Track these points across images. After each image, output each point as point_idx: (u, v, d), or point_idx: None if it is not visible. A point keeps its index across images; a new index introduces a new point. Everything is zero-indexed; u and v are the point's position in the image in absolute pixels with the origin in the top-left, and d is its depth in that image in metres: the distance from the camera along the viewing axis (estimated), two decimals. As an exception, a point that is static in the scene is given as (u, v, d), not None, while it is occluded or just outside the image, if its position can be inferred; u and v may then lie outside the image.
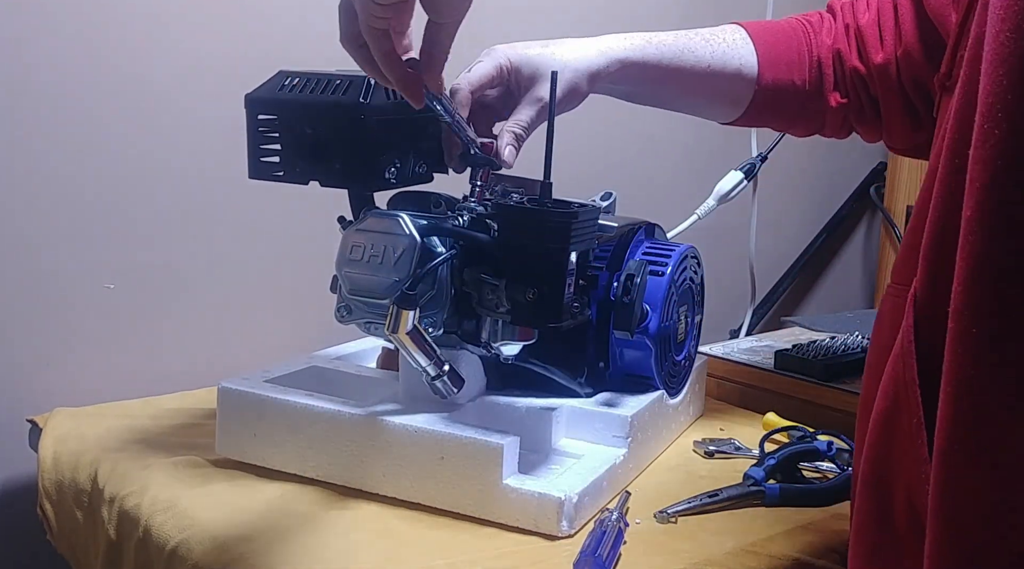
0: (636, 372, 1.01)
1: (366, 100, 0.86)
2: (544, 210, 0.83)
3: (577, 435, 0.95)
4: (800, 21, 1.00)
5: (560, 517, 0.82)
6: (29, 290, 1.13)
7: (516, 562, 0.79)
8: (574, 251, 0.84)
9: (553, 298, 0.83)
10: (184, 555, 0.80)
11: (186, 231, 1.22)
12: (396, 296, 0.84)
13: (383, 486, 0.88)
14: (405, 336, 0.85)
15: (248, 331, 1.28)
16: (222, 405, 0.95)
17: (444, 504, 0.86)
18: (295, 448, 0.91)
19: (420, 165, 0.95)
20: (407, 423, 0.87)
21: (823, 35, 0.98)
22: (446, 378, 0.88)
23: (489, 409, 0.94)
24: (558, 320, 0.84)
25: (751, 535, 0.85)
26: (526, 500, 0.83)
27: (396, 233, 0.88)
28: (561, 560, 0.79)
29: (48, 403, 1.12)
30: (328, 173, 0.89)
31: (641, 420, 0.96)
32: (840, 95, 0.97)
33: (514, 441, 0.85)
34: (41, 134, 1.11)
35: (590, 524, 0.84)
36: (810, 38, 0.98)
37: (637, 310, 0.95)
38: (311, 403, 0.91)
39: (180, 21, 1.18)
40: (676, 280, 1.01)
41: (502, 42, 0.94)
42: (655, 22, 1.56)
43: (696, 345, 1.12)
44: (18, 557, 1.16)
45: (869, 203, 2.01)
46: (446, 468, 0.85)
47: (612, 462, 0.91)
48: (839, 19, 0.98)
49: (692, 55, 0.97)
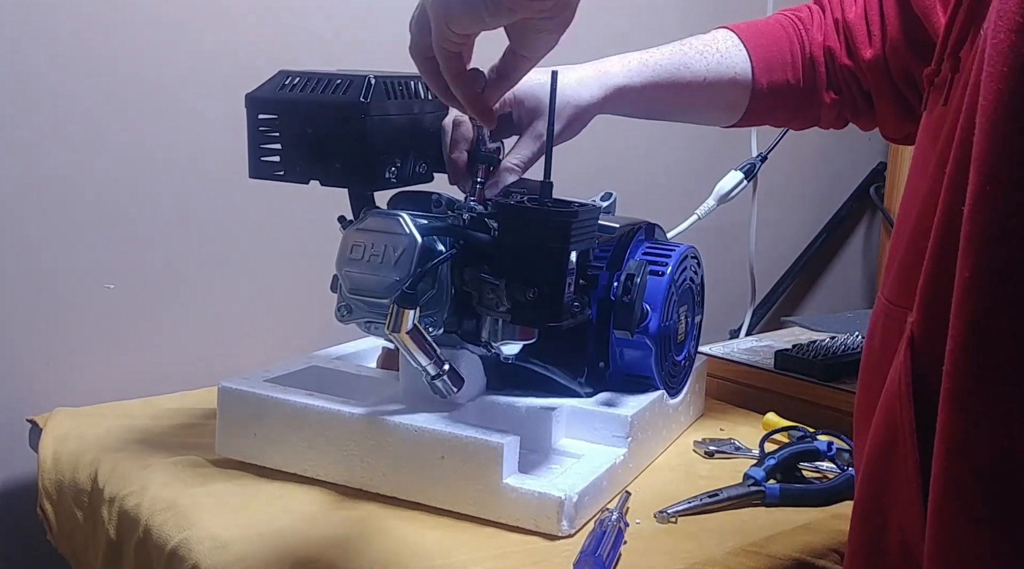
0: (636, 372, 1.01)
1: (366, 100, 0.86)
2: (544, 209, 0.83)
3: (577, 435, 0.95)
4: (790, 18, 1.01)
5: (560, 517, 0.82)
6: (29, 290, 1.13)
7: (516, 562, 0.79)
8: (574, 250, 0.84)
9: (553, 297, 0.83)
10: (184, 555, 0.80)
11: (186, 231, 1.22)
12: (397, 295, 0.84)
13: (383, 486, 0.88)
14: (405, 335, 0.85)
15: (248, 331, 1.28)
16: (222, 405, 0.95)
17: (444, 504, 0.86)
18: (295, 448, 0.91)
19: (420, 165, 0.95)
20: (407, 422, 0.87)
21: (814, 31, 0.99)
22: (446, 377, 0.88)
23: (489, 409, 0.94)
24: (558, 320, 0.84)
25: (751, 535, 0.85)
26: (526, 500, 0.83)
27: (396, 232, 0.88)
28: (561, 560, 0.79)
29: (48, 403, 1.12)
30: (328, 173, 0.89)
31: (641, 420, 0.96)
32: (833, 92, 0.99)
33: (514, 441, 0.85)
34: (41, 134, 1.11)
35: (590, 524, 0.84)
36: (801, 35, 0.99)
37: (637, 310, 0.95)
38: (311, 403, 0.91)
39: (180, 21, 1.18)
40: (676, 280, 1.01)
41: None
42: (654, 16, 1.57)
43: (696, 345, 1.12)
44: (18, 557, 1.16)
45: (869, 203, 2.01)
46: (446, 468, 0.85)
47: (612, 462, 0.91)
48: (828, 14, 0.99)
49: (688, 70, 0.99)
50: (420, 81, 0.93)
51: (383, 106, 0.88)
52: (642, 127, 1.61)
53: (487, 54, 0.79)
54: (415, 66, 0.78)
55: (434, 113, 0.95)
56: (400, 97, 0.90)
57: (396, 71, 0.93)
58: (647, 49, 1.01)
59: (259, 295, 1.29)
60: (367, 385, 0.99)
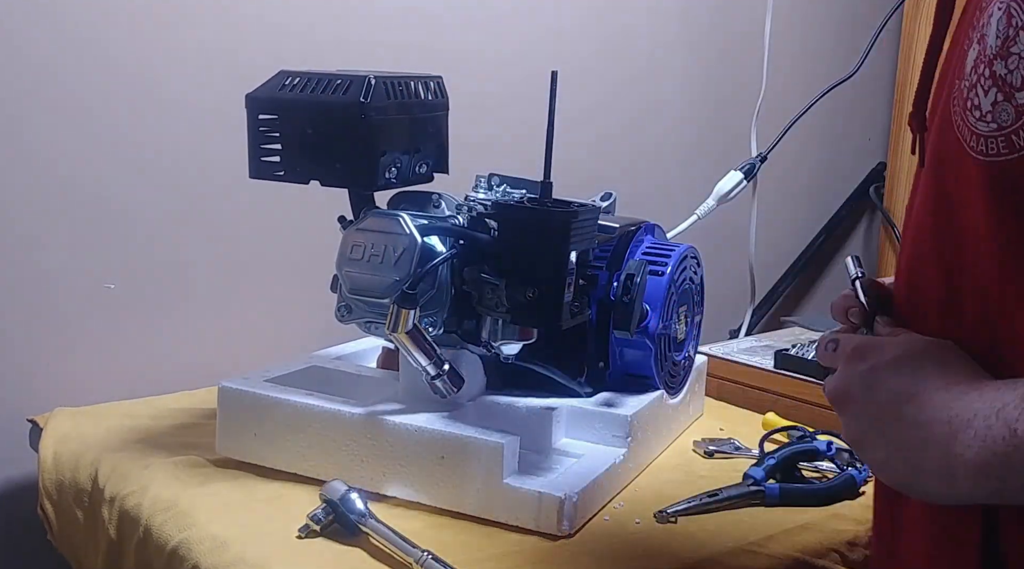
0: (636, 372, 1.01)
1: (366, 100, 0.86)
2: (544, 209, 0.83)
3: (577, 435, 0.95)
4: None
5: (561, 517, 0.82)
6: (29, 290, 1.13)
7: (517, 562, 0.79)
8: (574, 250, 0.84)
9: (553, 298, 0.83)
10: (184, 555, 0.80)
11: (186, 231, 1.22)
12: (396, 295, 0.85)
13: (383, 486, 0.88)
14: (405, 335, 0.85)
15: (248, 331, 1.28)
16: (222, 405, 0.95)
17: (445, 503, 0.86)
18: (295, 447, 0.91)
19: (420, 165, 0.95)
20: (407, 423, 0.87)
21: None
22: (446, 377, 0.88)
23: (489, 409, 0.94)
24: (558, 320, 0.84)
25: (751, 535, 0.85)
26: (527, 499, 0.83)
27: (396, 233, 0.88)
28: (562, 559, 0.79)
29: (48, 403, 1.12)
30: (328, 173, 0.89)
31: (641, 420, 0.96)
32: None
33: (514, 440, 0.85)
34: (42, 135, 1.11)
35: (590, 524, 0.84)
36: None
37: (637, 310, 0.95)
38: (311, 403, 0.91)
39: (182, 22, 1.18)
40: (676, 280, 1.01)
41: (509, 43, 0.94)
42: (654, 15, 1.57)
43: (696, 345, 1.12)
44: (18, 557, 1.16)
45: (869, 203, 2.01)
46: (446, 467, 0.85)
47: (612, 462, 0.91)
48: None
49: None
50: (420, 81, 0.93)
51: (383, 106, 0.88)
52: (642, 127, 1.61)
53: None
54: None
55: (435, 113, 0.95)
56: (400, 97, 0.90)
57: (396, 71, 0.93)
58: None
59: (260, 295, 1.29)
60: (367, 385, 0.99)
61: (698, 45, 1.61)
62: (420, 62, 1.19)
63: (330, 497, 0.82)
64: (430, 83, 0.94)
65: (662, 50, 1.58)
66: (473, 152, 1.05)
